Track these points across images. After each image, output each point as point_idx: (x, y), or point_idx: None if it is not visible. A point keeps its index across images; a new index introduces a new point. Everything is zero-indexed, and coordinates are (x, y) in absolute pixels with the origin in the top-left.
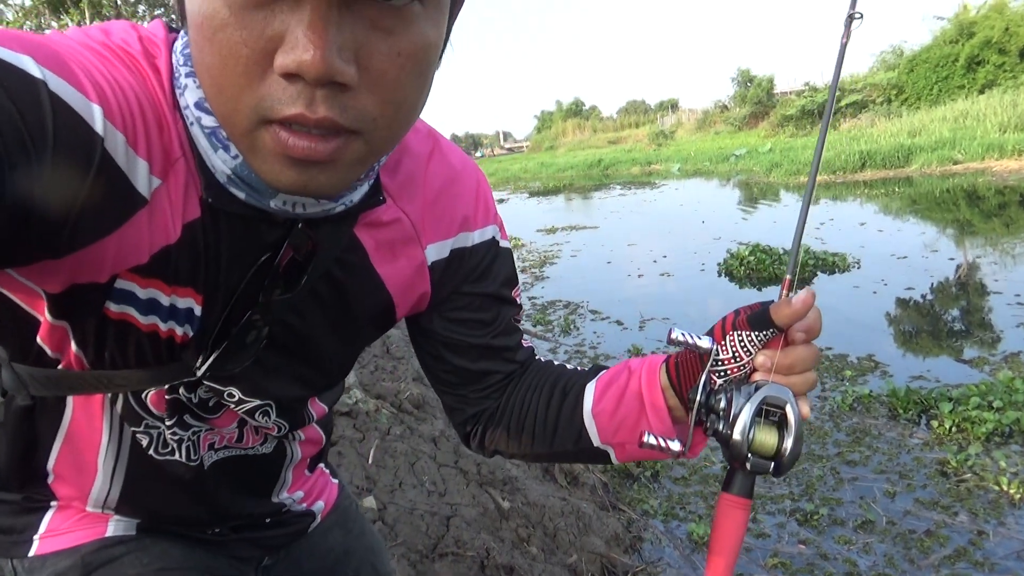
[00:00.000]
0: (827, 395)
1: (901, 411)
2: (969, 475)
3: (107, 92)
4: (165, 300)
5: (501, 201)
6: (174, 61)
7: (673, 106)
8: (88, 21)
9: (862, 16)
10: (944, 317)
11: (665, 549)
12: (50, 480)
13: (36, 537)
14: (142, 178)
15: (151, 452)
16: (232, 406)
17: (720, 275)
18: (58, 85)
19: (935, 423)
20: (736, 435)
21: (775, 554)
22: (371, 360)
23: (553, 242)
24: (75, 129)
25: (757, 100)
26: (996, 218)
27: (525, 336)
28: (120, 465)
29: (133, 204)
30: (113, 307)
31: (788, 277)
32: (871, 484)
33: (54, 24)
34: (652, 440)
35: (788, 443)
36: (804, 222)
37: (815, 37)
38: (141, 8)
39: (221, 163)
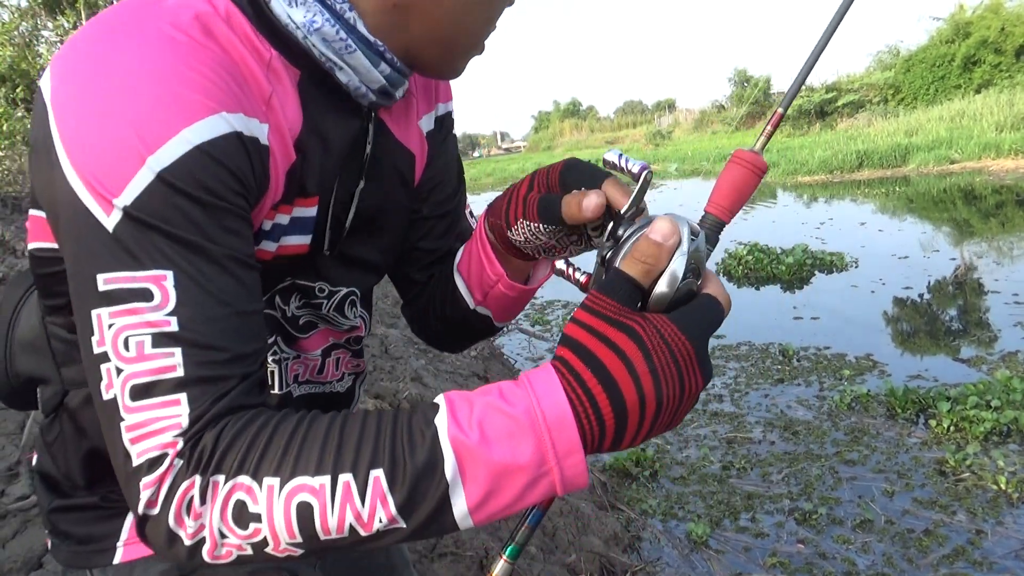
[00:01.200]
0: (825, 394)
1: (899, 410)
2: (967, 474)
3: (220, 93)
4: (285, 219)
5: None
6: None
7: (670, 106)
8: (84, 21)
9: None
10: (942, 316)
11: (664, 548)
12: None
13: (120, 544)
14: (262, 134)
15: None
16: (323, 307)
17: (718, 274)
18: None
19: (933, 422)
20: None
21: (774, 553)
22: (369, 360)
23: None
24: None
25: (754, 100)
26: (993, 218)
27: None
28: None
29: (266, 156)
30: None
31: (779, 111)
32: (869, 483)
33: (50, 25)
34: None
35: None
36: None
37: (813, 37)
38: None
39: (369, 70)
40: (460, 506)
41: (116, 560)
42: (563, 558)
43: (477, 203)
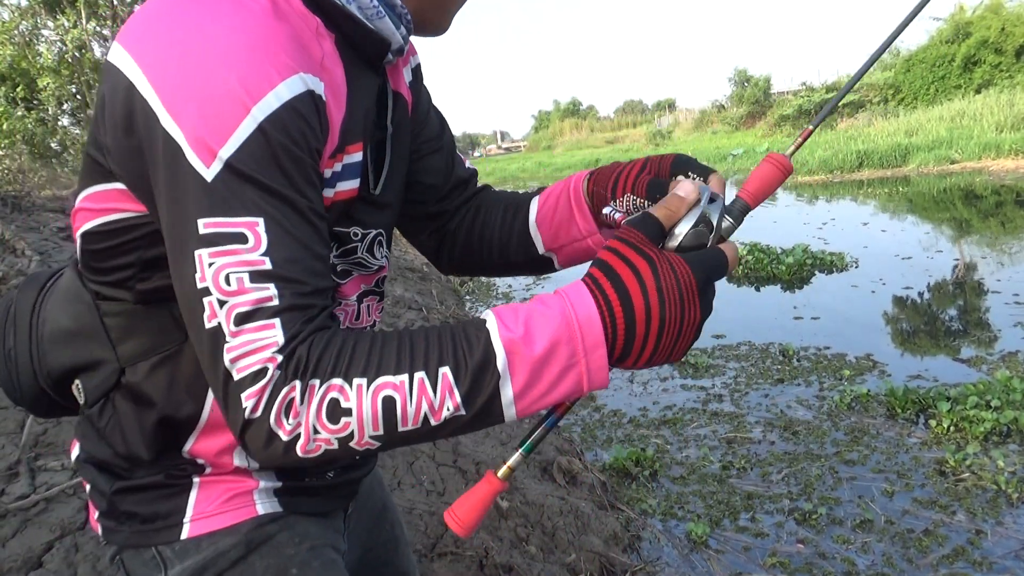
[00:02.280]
0: (825, 394)
1: (899, 410)
2: (967, 474)
3: (297, 54)
4: (339, 166)
5: None
6: None
7: (670, 106)
8: (84, 21)
9: None
10: (942, 316)
11: (664, 548)
12: (196, 435)
13: (186, 520)
14: (323, 92)
15: None
16: (356, 249)
17: None
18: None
19: (933, 422)
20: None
21: (773, 553)
22: None
23: None
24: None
25: (754, 100)
26: (993, 217)
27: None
28: None
29: (325, 111)
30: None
31: (809, 128)
32: (869, 483)
33: (50, 24)
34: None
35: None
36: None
37: (812, 37)
38: (138, 8)
39: (392, 32)
40: (507, 394)
41: (183, 536)
42: (563, 558)
43: None
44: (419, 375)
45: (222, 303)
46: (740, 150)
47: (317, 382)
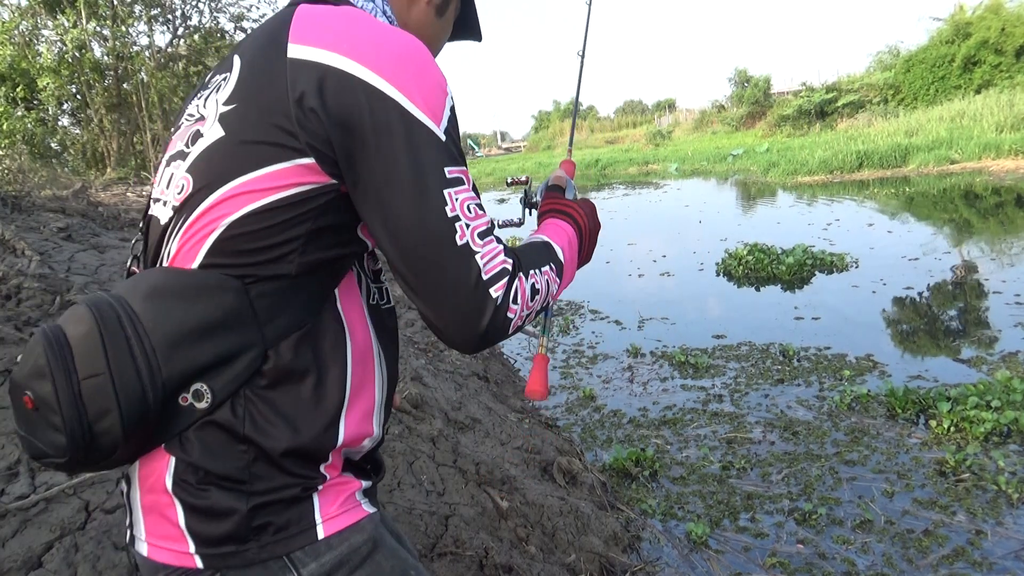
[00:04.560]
0: (825, 395)
1: (899, 411)
2: (967, 475)
3: None
4: None
5: (501, 201)
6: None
7: (670, 106)
8: (84, 21)
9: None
10: (942, 317)
11: (663, 548)
12: (348, 400)
13: (318, 522)
14: None
15: (381, 306)
16: None
17: (719, 275)
18: None
19: (933, 423)
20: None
21: (773, 553)
22: None
23: None
24: None
25: (754, 100)
26: (993, 217)
27: None
28: (377, 348)
29: None
30: None
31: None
32: (869, 484)
33: (50, 24)
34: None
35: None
36: None
37: (812, 38)
38: (138, 8)
39: None
40: (563, 274)
41: (319, 537)
42: (563, 558)
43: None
44: (545, 267)
45: (468, 225)
46: (740, 150)
47: (523, 275)
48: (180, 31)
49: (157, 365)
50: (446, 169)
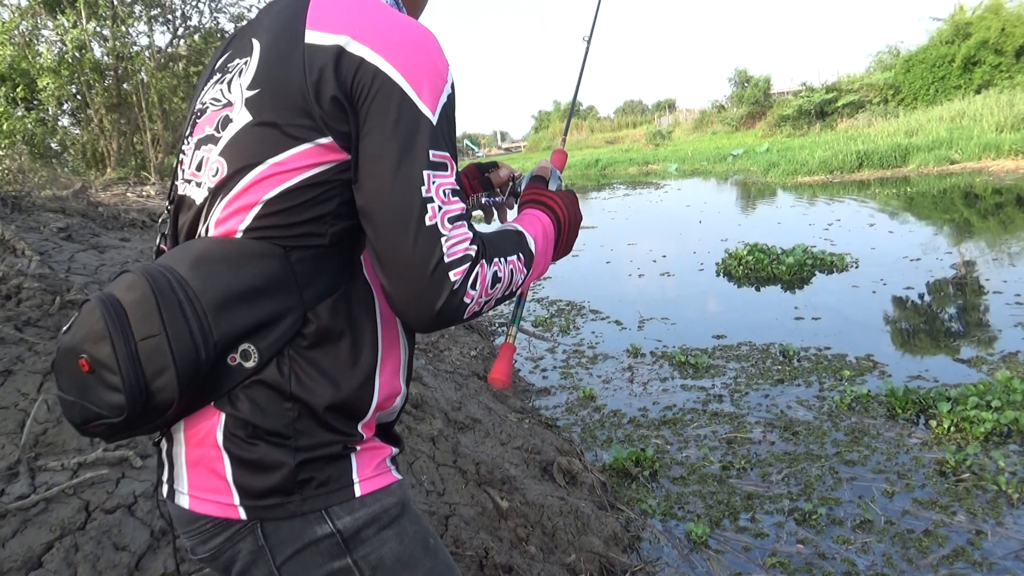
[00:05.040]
0: (825, 395)
1: (899, 411)
2: (967, 475)
3: None
4: None
5: None
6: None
7: (670, 106)
8: (84, 21)
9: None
10: (942, 317)
11: (663, 548)
12: (380, 356)
13: (356, 481)
14: None
15: None
16: None
17: (719, 275)
18: None
19: (933, 423)
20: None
21: (773, 553)
22: None
23: None
24: None
25: (754, 100)
26: (994, 217)
27: None
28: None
29: None
30: None
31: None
32: (869, 484)
33: (50, 24)
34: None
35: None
36: None
37: (812, 38)
38: (138, 8)
39: None
40: (538, 267)
41: (357, 495)
42: (563, 558)
43: None
44: (512, 257)
45: (440, 208)
46: (740, 150)
47: (485, 262)
48: (180, 31)
49: (208, 326)
50: (431, 152)
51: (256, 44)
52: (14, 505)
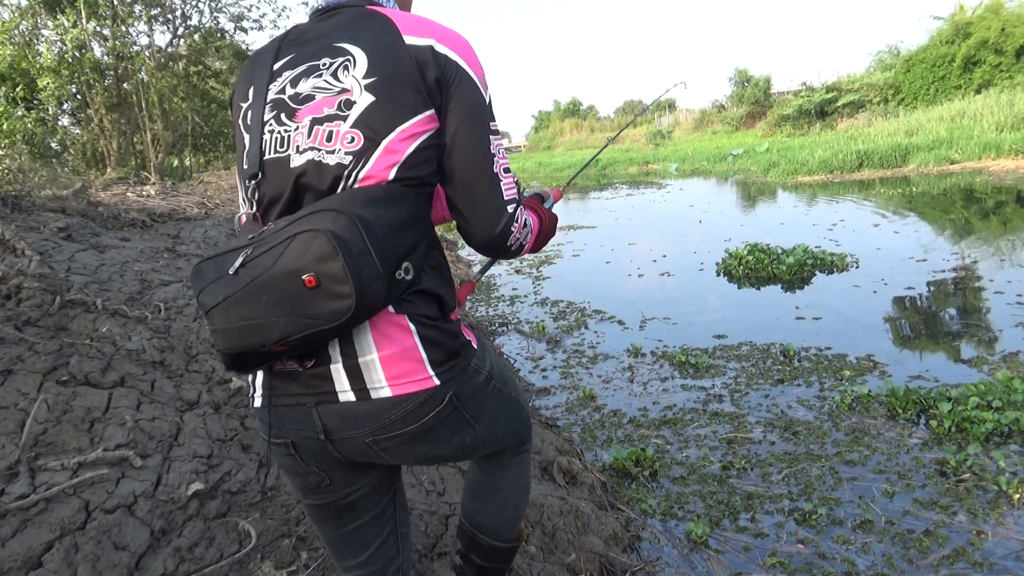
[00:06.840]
0: (826, 395)
1: (900, 411)
2: (968, 475)
3: None
4: None
5: None
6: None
7: (670, 106)
8: (84, 21)
9: None
10: (943, 317)
11: (664, 548)
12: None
13: (471, 340)
14: None
15: None
16: None
17: (719, 274)
18: None
19: (934, 423)
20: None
21: (773, 553)
22: None
23: (554, 241)
24: None
25: (754, 100)
26: (996, 217)
27: None
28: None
29: None
30: None
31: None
32: (870, 484)
33: (50, 24)
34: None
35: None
36: None
37: (812, 38)
38: (138, 8)
39: None
40: (532, 243)
41: (475, 348)
42: (563, 558)
43: None
44: (531, 218)
45: (499, 162)
46: (740, 150)
47: (523, 208)
48: (180, 31)
49: (389, 248)
50: (491, 124)
51: (356, 48)
52: (14, 505)
